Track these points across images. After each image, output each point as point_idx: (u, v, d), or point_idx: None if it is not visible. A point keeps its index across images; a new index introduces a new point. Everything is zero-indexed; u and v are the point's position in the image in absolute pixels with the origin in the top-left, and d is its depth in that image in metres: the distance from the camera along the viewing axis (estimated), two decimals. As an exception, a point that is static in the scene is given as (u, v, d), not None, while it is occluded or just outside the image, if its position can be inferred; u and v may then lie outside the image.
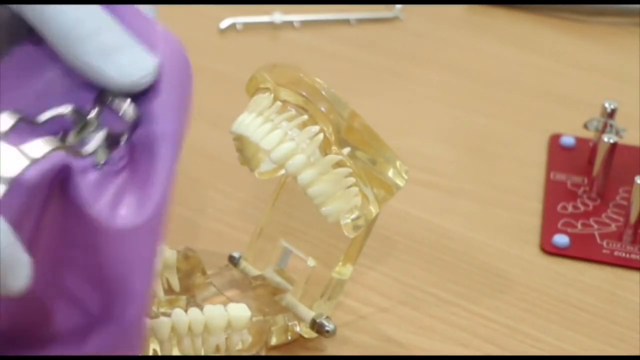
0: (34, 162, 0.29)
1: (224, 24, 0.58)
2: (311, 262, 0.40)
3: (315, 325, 0.39)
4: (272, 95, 0.37)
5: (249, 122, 0.37)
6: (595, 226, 0.46)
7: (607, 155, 0.47)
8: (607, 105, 0.47)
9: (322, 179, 0.36)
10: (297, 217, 0.41)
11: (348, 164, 0.36)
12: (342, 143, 0.36)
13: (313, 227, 0.39)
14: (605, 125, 0.47)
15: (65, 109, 0.32)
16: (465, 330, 0.41)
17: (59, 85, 0.33)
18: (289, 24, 0.58)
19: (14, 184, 0.29)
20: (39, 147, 0.30)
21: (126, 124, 0.33)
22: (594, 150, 0.48)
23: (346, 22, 0.59)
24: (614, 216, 0.47)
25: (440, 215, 0.46)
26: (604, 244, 0.45)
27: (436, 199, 0.47)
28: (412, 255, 0.44)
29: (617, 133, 0.47)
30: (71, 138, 0.32)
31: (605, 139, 0.46)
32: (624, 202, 0.47)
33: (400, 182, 0.37)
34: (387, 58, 0.57)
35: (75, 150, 0.31)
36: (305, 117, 0.37)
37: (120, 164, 0.32)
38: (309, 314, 0.39)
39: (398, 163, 0.37)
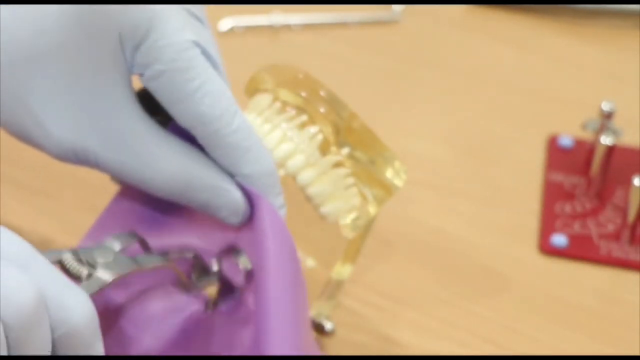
0: None
1: (224, 26, 0.58)
2: (310, 262, 0.40)
3: (315, 325, 0.39)
4: (272, 95, 0.37)
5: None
6: (593, 227, 0.46)
7: (604, 157, 0.47)
8: (604, 106, 0.48)
9: (322, 179, 0.36)
10: (296, 217, 0.41)
11: (347, 164, 0.37)
12: (341, 143, 0.37)
13: (313, 227, 0.39)
14: (602, 127, 0.48)
15: (189, 254, 0.35)
16: (464, 330, 0.41)
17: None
18: (289, 26, 0.58)
19: None
20: None
21: (242, 276, 0.35)
22: (591, 151, 0.48)
23: (345, 23, 0.59)
24: (612, 217, 0.47)
25: (439, 216, 0.47)
26: (602, 244, 0.45)
27: (435, 200, 0.47)
28: (411, 255, 0.44)
29: (615, 134, 0.47)
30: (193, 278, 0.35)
31: (603, 141, 0.47)
32: (622, 203, 0.47)
33: (398, 183, 0.38)
34: (386, 59, 0.57)
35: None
36: (305, 117, 0.37)
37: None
38: (308, 314, 0.40)
39: (397, 163, 0.37)
